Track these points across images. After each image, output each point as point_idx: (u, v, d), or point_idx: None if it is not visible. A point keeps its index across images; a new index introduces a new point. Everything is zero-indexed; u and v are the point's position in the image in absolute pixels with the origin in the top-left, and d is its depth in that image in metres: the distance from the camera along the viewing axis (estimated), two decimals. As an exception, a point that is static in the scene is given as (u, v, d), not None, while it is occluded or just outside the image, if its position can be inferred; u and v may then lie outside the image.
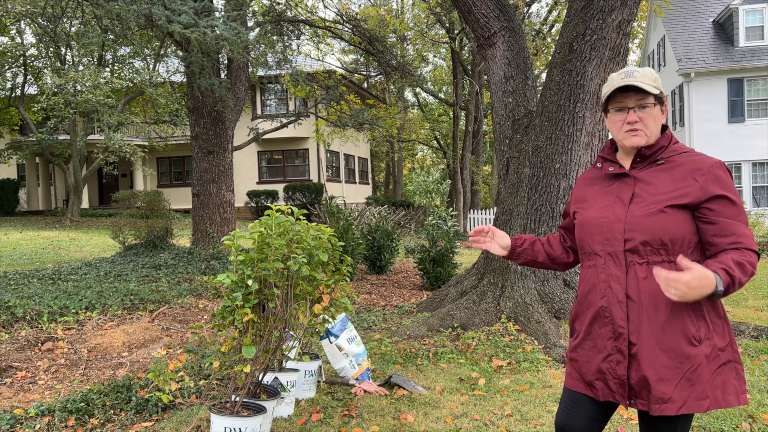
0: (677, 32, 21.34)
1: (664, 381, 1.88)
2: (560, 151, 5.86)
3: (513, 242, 2.33)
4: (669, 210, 1.89)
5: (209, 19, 7.91)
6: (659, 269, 1.77)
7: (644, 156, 1.99)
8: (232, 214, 10.66)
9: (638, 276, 1.92)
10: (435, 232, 8.99)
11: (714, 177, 1.88)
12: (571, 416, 2.07)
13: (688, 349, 1.87)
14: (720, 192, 1.87)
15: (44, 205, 25.09)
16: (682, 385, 1.87)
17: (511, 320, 5.75)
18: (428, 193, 20.80)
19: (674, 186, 1.91)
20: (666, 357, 1.88)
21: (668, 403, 1.87)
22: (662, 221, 1.89)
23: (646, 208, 1.92)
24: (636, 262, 1.92)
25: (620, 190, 2.01)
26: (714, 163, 1.91)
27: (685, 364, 1.87)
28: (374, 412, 3.82)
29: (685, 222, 1.90)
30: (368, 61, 27.67)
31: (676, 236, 1.89)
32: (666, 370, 1.88)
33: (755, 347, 5.23)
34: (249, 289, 3.16)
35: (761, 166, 19.90)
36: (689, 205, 1.89)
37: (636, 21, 12.27)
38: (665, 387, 1.87)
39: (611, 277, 1.96)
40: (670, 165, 1.95)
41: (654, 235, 1.89)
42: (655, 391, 1.88)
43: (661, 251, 1.89)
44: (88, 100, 16.25)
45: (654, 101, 1.96)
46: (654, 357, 1.89)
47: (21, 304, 5.93)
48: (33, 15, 16.57)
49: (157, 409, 3.82)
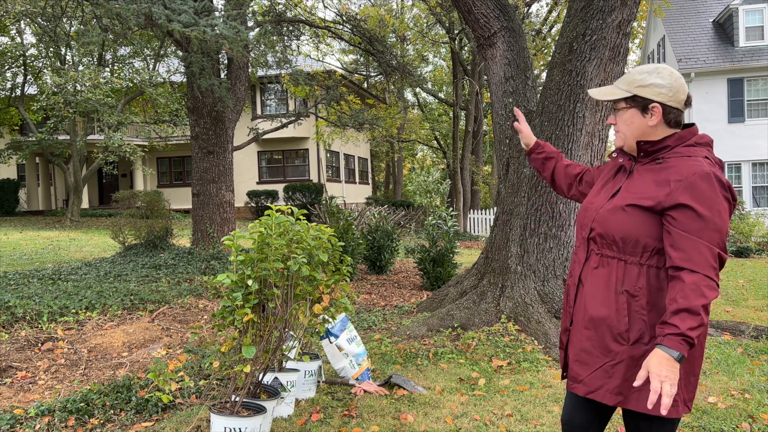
0: (677, 32, 21.34)
1: (580, 363, 1.99)
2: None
3: (534, 146, 2.55)
4: (629, 209, 1.91)
5: (209, 18, 7.91)
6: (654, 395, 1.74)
7: (646, 152, 1.98)
8: (232, 214, 10.66)
9: (591, 265, 2.02)
10: (435, 232, 8.99)
11: (688, 185, 1.81)
12: (571, 411, 2.13)
13: (611, 344, 1.94)
14: (686, 201, 1.79)
15: (44, 205, 25.09)
16: (598, 373, 1.95)
17: (511, 320, 5.75)
18: (428, 193, 20.78)
19: (648, 187, 1.90)
20: (588, 343, 1.98)
21: (579, 384, 1.99)
22: (618, 219, 1.93)
23: (614, 203, 1.97)
24: (594, 251, 2.02)
25: (616, 181, 2.07)
26: (697, 172, 1.82)
27: (606, 356, 1.94)
28: (374, 412, 3.82)
29: (646, 225, 1.87)
30: (368, 61, 27.67)
31: (628, 236, 1.89)
32: (584, 353, 1.99)
33: (755, 347, 5.23)
34: (249, 289, 3.16)
35: (761, 166, 19.89)
36: (652, 208, 1.86)
37: (636, 21, 12.27)
38: (579, 368, 2.00)
39: (577, 261, 2.09)
40: (664, 166, 1.93)
41: (608, 230, 1.95)
42: (571, 369, 2.03)
43: (613, 247, 1.95)
44: (88, 100, 16.25)
45: (625, 105, 1.99)
46: (577, 339, 2.02)
47: (21, 304, 5.93)
48: (33, 15, 16.57)
49: (157, 409, 3.82)
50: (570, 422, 2.12)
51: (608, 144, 6.43)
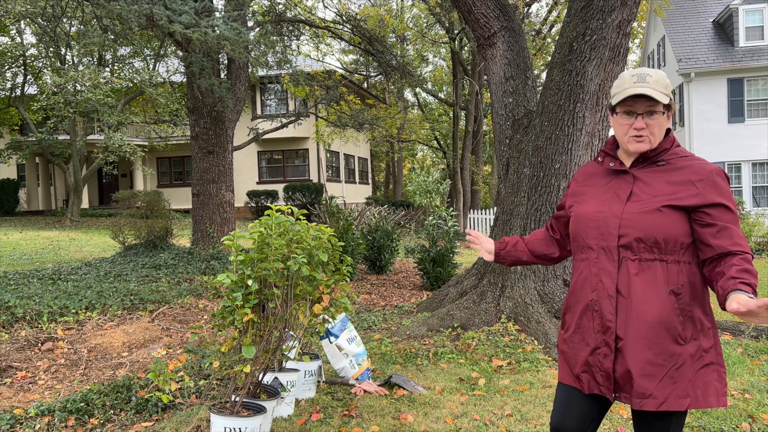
0: (677, 32, 21.34)
1: (647, 376, 1.90)
2: (560, 151, 5.86)
3: (497, 246, 2.39)
4: (665, 210, 1.92)
5: (210, 19, 7.91)
6: (746, 300, 1.70)
7: (646, 156, 2.01)
8: (232, 214, 10.66)
9: (630, 272, 1.95)
10: (435, 232, 8.99)
11: (712, 183, 1.91)
12: (565, 416, 2.08)
13: (673, 347, 1.90)
14: (718, 200, 1.90)
15: (44, 205, 25.09)
16: (665, 382, 1.89)
17: (511, 320, 5.75)
18: (428, 193, 20.78)
19: (672, 188, 1.94)
20: (651, 353, 1.90)
21: (649, 399, 1.90)
22: (657, 220, 1.91)
23: (642, 206, 1.94)
24: (629, 258, 1.95)
25: (618, 186, 2.03)
26: (713, 170, 1.93)
27: (669, 361, 1.89)
28: (374, 412, 3.82)
29: (680, 223, 1.92)
30: (368, 61, 27.67)
31: (669, 236, 1.91)
32: (650, 366, 1.90)
33: (755, 347, 5.23)
34: (249, 289, 3.16)
35: (761, 166, 19.89)
36: (686, 207, 1.91)
37: (636, 21, 12.28)
38: (647, 382, 1.90)
39: (603, 272, 1.99)
40: (670, 167, 1.98)
41: (648, 232, 1.91)
42: (637, 386, 1.91)
43: (654, 249, 1.92)
44: (88, 100, 16.25)
45: (663, 109, 1.97)
46: (639, 352, 1.92)
47: (21, 304, 5.93)
48: (33, 15, 16.56)
49: (157, 409, 3.82)
50: (563, 427, 2.06)
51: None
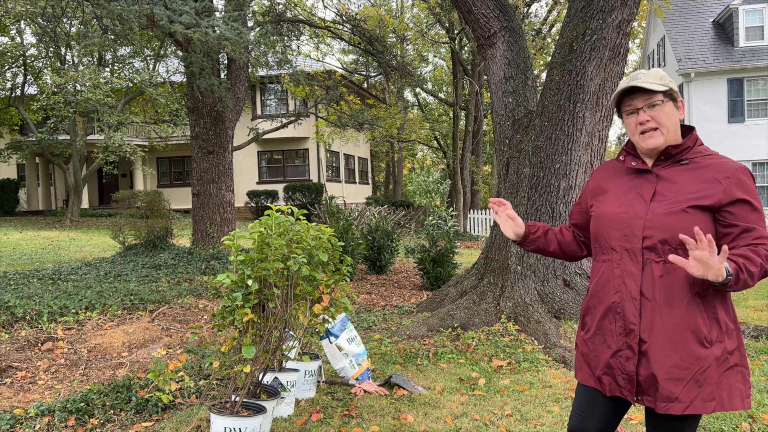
0: (677, 32, 21.34)
1: (673, 380, 1.87)
2: (560, 151, 5.86)
3: (527, 228, 2.31)
4: (691, 210, 1.89)
5: (210, 19, 7.91)
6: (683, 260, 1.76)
7: (669, 155, 1.99)
8: (232, 214, 10.66)
9: (654, 274, 1.91)
10: (435, 232, 8.99)
11: (738, 181, 1.89)
12: (585, 419, 2.06)
13: (699, 350, 1.87)
14: (743, 196, 1.88)
15: (44, 205, 25.08)
16: (691, 385, 1.86)
17: (511, 320, 5.75)
18: (428, 193, 20.77)
19: (697, 187, 1.91)
20: (676, 356, 1.88)
21: (675, 403, 1.87)
22: (683, 221, 1.88)
23: (667, 207, 1.91)
24: (653, 260, 1.92)
25: (641, 186, 2.00)
26: (738, 168, 1.91)
27: (695, 365, 1.86)
28: (374, 412, 3.82)
29: (706, 224, 1.89)
30: (368, 61, 27.68)
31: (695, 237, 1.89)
32: (676, 369, 1.88)
33: (755, 347, 5.23)
34: (249, 289, 3.16)
35: (761, 166, 19.89)
36: (711, 207, 1.89)
37: (636, 21, 12.27)
38: (673, 386, 1.87)
39: (626, 273, 1.96)
40: (694, 166, 1.95)
41: (674, 234, 1.88)
42: (662, 390, 1.88)
43: (679, 251, 1.88)
44: (88, 100, 16.25)
45: (663, 98, 1.96)
46: (664, 356, 1.89)
47: (21, 304, 5.93)
48: (33, 15, 16.56)
49: (157, 409, 3.82)
50: (582, 430, 2.05)
51: (608, 144, 6.44)
